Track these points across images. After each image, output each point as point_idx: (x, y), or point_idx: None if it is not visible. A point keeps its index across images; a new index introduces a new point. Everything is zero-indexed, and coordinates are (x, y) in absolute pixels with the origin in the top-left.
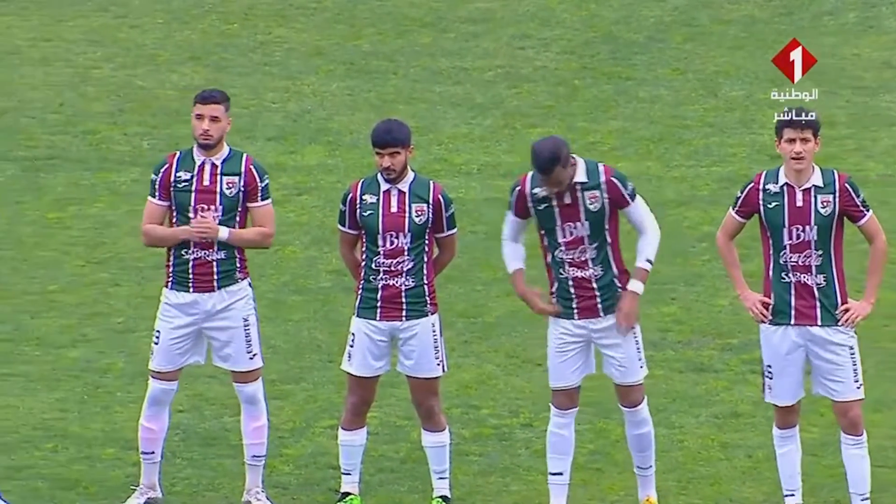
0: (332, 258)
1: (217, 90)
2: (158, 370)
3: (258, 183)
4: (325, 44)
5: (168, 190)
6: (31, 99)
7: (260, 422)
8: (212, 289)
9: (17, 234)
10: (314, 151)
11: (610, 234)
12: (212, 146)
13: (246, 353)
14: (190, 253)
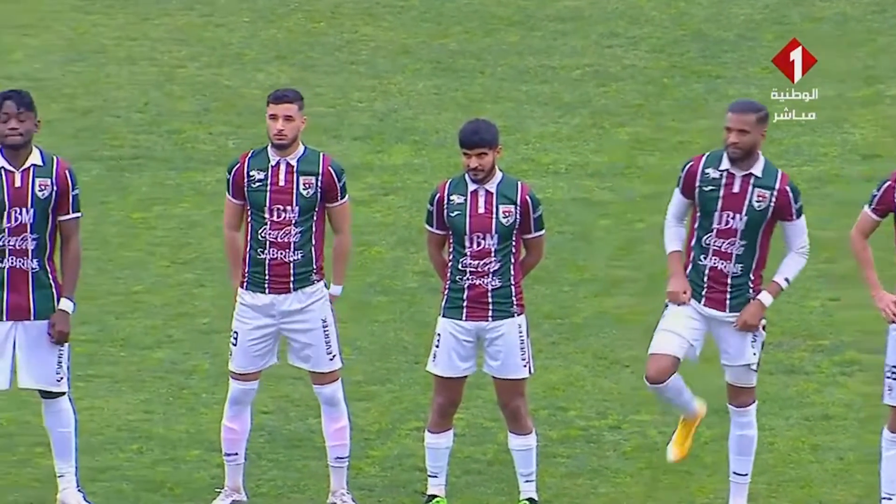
0: (418, 258)
1: (290, 89)
2: (238, 371)
3: (336, 183)
4: (411, 42)
5: (241, 189)
6: (117, 98)
7: (341, 423)
8: (288, 290)
9: (102, 235)
10: (401, 151)
11: (761, 238)
12: (286, 146)
13: (326, 355)
14: (265, 253)
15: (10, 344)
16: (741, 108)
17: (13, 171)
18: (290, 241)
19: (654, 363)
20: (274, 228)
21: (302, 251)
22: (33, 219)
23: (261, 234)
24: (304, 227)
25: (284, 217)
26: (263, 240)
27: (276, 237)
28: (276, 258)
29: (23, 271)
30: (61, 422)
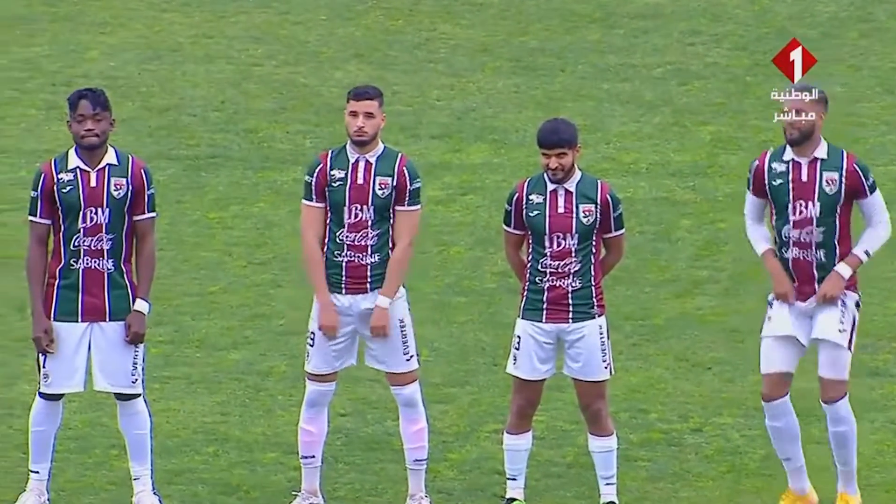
0: (497, 259)
1: (371, 86)
2: (315, 372)
3: (408, 185)
4: (491, 40)
5: (323, 190)
6: (193, 97)
7: (419, 425)
8: (365, 290)
9: (178, 235)
10: (479, 150)
11: (840, 220)
12: (366, 143)
13: (403, 355)
14: (343, 256)
15: (86, 346)
16: (796, 87)
17: (89, 170)
18: (367, 245)
19: (768, 383)
20: (351, 231)
21: (379, 254)
22: (108, 219)
23: (339, 236)
24: (381, 230)
25: (361, 217)
26: (341, 242)
27: (353, 240)
28: (353, 261)
29: (98, 272)
30: (137, 424)
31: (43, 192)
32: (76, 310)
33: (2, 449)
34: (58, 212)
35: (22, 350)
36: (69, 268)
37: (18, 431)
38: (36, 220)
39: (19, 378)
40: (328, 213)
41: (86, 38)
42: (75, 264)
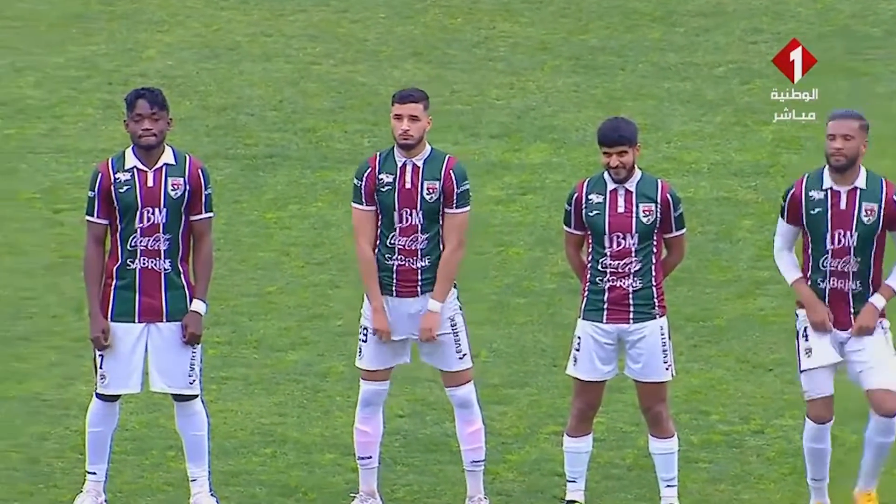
0: (557, 259)
1: (415, 88)
2: (367, 369)
3: (455, 188)
4: (550, 38)
5: (373, 193)
6: (251, 96)
7: (475, 426)
8: (415, 293)
9: (235, 235)
10: (539, 149)
11: (876, 250)
12: (412, 146)
13: (455, 354)
14: (394, 259)
15: (143, 346)
16: (844, 114)
17: (146, 170)
18: (417, 248)
19: (819, 406)
20: (402, 234)
21: (429, 257)
22: (166, 219)
23: (390, 239)
24: (431, 233)
25: (411, 222)
26: (392, 246)
27: (404, 244)
28: (404, 265)
29: (155, 272)
30: (194, 425)
31: (100, 192)
32: (133, 310)
33: (59, 450)
34: (115, 212)
35: (79, 351)
36: (126, 268)
37: (75, 432)
38: (93, 220)
39: (76, 379)
40: (379, 216)
41: (143, 37)
42: (132, 264)
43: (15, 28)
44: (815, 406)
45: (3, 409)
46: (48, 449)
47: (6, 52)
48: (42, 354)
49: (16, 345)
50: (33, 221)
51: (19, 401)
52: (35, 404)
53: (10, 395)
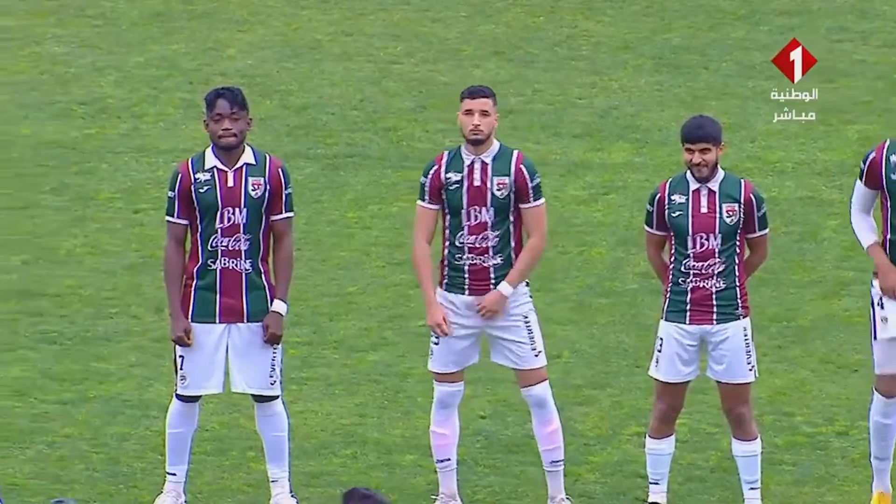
0: (639, 260)
1: (484, 85)
2: (440, 371)
3: (528, 183)
4: (633, 37)
5: (439, 192)
6: (331, 95)
7: (553, 426)
8: (488, 290)
9: (316, 235)
10: (621, 149)
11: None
12: (482, 141)
13: (531, 351)
14: (464, 259)
15: (224, 347)
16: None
17: (226, 170)
18: (487, 246)
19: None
20: (472, 233)
21: (501, 255)
22: (246, 219)
23: (459, 239)
24: (502, 230)
25: (481, 219)
26: (462, 245)
27: (474, 242)
28: (476, 264)
29: (236, 272)
30: (275, 426)
31: (180, 193)
32: (214, 311)
33: (139, 451)
34: (195, 212)
35: (158, 351)
36: (206, 268)
37: (155, 433)
38: (173, 221)
39: (156, 379)
40: (446, 215)
41: (224, 36)
42: (212, 265)
43: (96, 27)
44: (885, 380)
45: (84, 409)
46: (128, 449)
47: (87, 52)
48: (122, 355)
49: (96, 345)
50: (114, 221)
51: (100, 401)
52: (115, 405)
53: (90, 395)
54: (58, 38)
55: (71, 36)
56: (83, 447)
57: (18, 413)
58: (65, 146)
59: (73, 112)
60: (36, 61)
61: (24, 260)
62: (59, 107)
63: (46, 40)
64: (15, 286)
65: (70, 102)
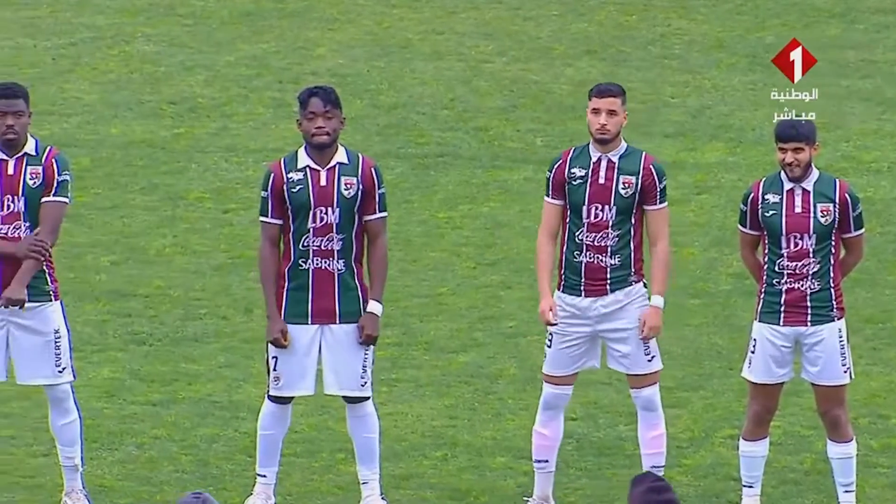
0: (732, 260)
1: (614, 83)
2: (552, 374)
3: (657, 184)
4: (726, 36)
5: (562, 188)
6: (422, 94)
7: (658, 430)
8: (604, 292)
9: (406, 235)
10: (714, 148)
11: None
12: (609, 141)
13: (645, 356)
14: (581, 256)
15: (316, 348)
16: None
17: (319, 169)
18: (606, 245)
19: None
20: (591, 230)
21: (619, 255)
22: (339, 219)
23: (577, 236)
24: (622, 230)
25: (602, 217)
26: (580, 242)
27: (593, 240)
28: (593, 261)
29: (328, 272)
30: (366, 427)
31: (273, 192)
32: (306, 312)
33: (229, 452)
34: (288, 211)
35: (249, 352)
36: (298, 268)
37: (245, 434)
38: (267, 221)
39: (245, 381)
40: (567, 211)
41: (314, 35)
42: (304, 265)
43: (187, 26)
44: None
45: (173, 410)
46: (218, 451)
47: (177, 51)
48: (212, 356)
49: (186, 346)
50: (203, 221)
51: (189, 402)
52: (205, 406)
53: (179, 396)
54: (148, 37)
55: (161, 35)
56: (172, 449)
57: (107, 414)
58: (154, 146)
59: (162, 111)
60: (126, 60)
61: (113, 260)
62: (148, 106)
63: (136, 39)
64: (105, 286)
65: (160, 102)
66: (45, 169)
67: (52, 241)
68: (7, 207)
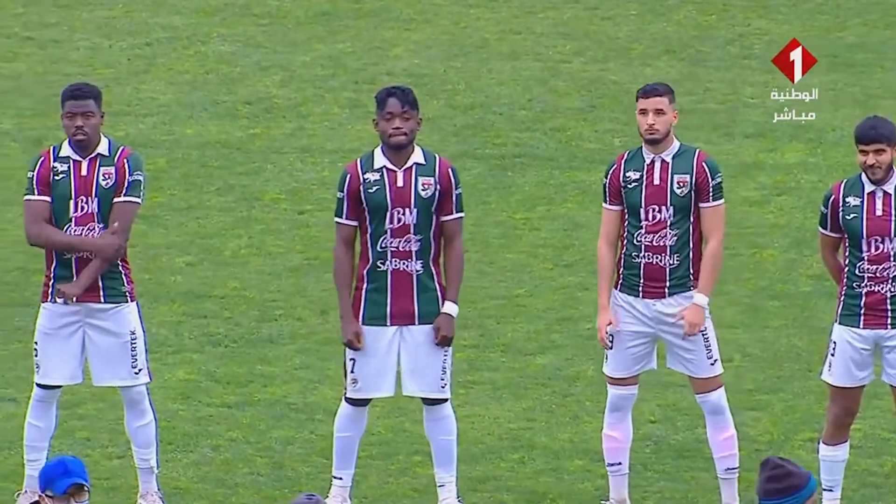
0: (812, 262)
1: (660, 83)
2: (613, 375)
3: (709, 181)
4: (806, 35)
5: (619, 193)
6: (499, 95)
7: (728, 432)
8: (663, 294)
9: (483, 236)
10: (794, 149)
11: None
12: (658, 141)
13: (706, 359)
14: (640, 258)
15: (395, 350)
16: None
17: (395, 170)
18: (665, 245)
19: None
20: (649, 231)
21: (678, 255)
22: (416, 219)
23: (636, 238)
24: (681, 230)
25: (659, 218)
26: (639, 244)
27: (651, 241)
28: (651, 262)
29: (406, 273)
30: (444, 429)
31: (349, 193)
32: (385, 313)
33: (304, 455)
34: (364, 213)
35: (324, 354)
36: (376, 270)
37: (320, 437)
38: (342, 222)
39: (321, 383)
40: (624, 214)
41: (390, 35)
42: (382, 266)
43: (262, 26)
44: None
45: (249, 412)
46: (293, 453)
47: (252, 51)
48: (287, 358)
49: (261, 347)
50: (279, 223)
51: (265, 404)
52: (280, 408)
53: (255, 398)
54: (223, 37)
55: (237, 35)
56: (248, 451)
57: (183, 416)
58: (230, 146)
59: (238, 112)
60: (201, 61)
61: (188, 261)
62: (224, 106)
63: (212, 39)
64: (180, 288)
65: (235, 102)
66: (118, 169)
67: (123, 241)
68: (81, 209)
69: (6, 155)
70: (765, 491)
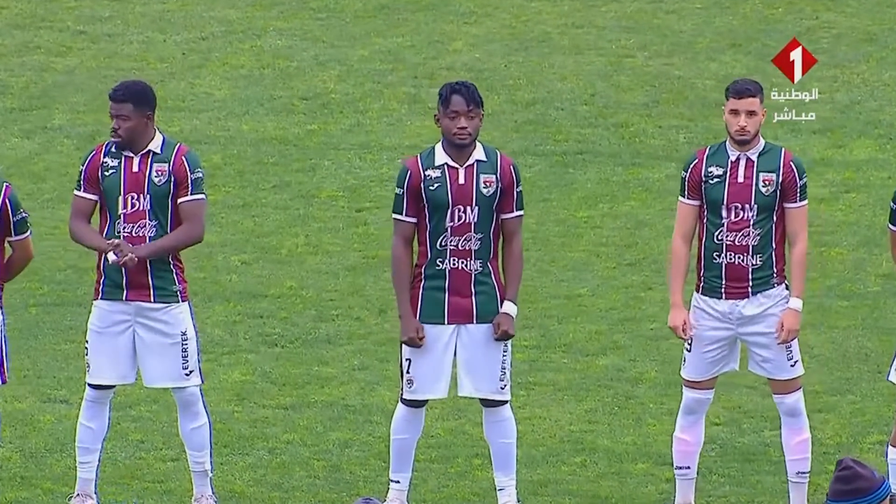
0: (881, 261)
1: (752, 81)
2: (691, 379)
3: (797, 181)
4: (877, 29)
5: (699, 188)
6: (561, 90)
7: (803, 435)
8: (745, 295)
9: (544, 234)
10: (864, 145)
11: None
12: (748, 141)
13: (787, 361)
14: (722, 257)
15: (452, 349)
16: None
17: (457, 167)
18: (747, 245)
19: None
20: (731, 229)
21: (761, 254)
22: (477, 217)
23: (717, 236)
24: (764, 229)
25: (742, 217)
26: (720, 243)
27: (733, 240)
28: (734, 262)
29: (465, 272)
30: (503, 432)
31: (408, 190)
32: (442, 312)
33: (362, 457)
34: (424, 210)
35: (382, 354)
36: (435, 268)
37: (378, 439)
38: (401, 219)
39: (379, 384)
40: (703, 211)
41: (450, 29)
42: (441, 264)
43: (320, 20)
44: None
45: (306, 414)
46: (351, 456)
47: (310, 45)
48: (345, 358)
49: (318, 348)
50: (336, 220)
51: (322, 406)
52: (338, 410)
53: (312, 400)
54: (280, 31)
55: (293, 29)
56: (304, 454)
57: (238, 418)
58: (286, 142)
59: (294, 107)
60: (258, 55)
61: (244, 260)
62: (280, 102)
63: (268, 33)
64: (236, 287)
65: (292, 97)
66: (176, 168)
67: (200, 236)
68: (132, 206)
69: (59, 151)
70: (832, 492)
